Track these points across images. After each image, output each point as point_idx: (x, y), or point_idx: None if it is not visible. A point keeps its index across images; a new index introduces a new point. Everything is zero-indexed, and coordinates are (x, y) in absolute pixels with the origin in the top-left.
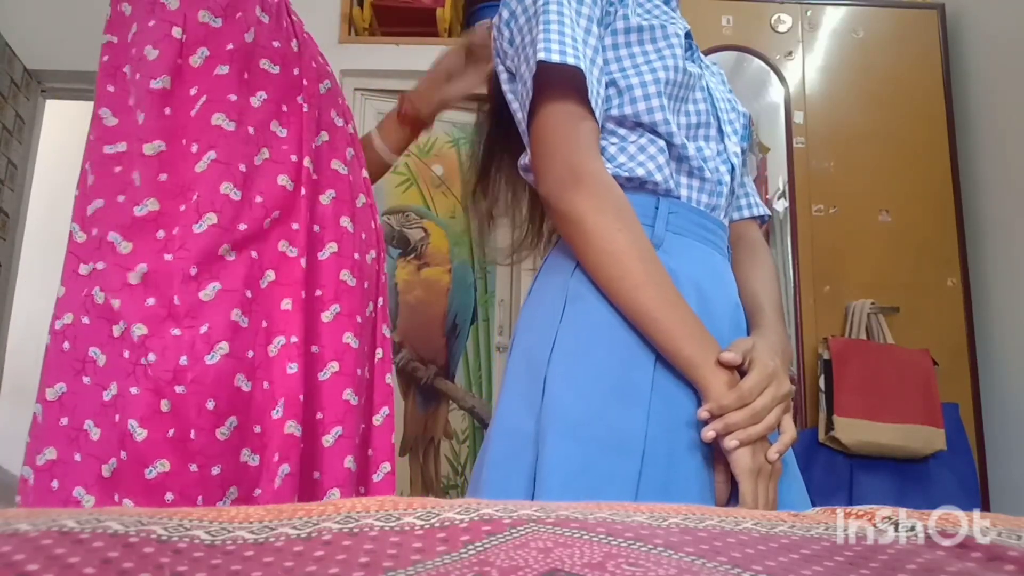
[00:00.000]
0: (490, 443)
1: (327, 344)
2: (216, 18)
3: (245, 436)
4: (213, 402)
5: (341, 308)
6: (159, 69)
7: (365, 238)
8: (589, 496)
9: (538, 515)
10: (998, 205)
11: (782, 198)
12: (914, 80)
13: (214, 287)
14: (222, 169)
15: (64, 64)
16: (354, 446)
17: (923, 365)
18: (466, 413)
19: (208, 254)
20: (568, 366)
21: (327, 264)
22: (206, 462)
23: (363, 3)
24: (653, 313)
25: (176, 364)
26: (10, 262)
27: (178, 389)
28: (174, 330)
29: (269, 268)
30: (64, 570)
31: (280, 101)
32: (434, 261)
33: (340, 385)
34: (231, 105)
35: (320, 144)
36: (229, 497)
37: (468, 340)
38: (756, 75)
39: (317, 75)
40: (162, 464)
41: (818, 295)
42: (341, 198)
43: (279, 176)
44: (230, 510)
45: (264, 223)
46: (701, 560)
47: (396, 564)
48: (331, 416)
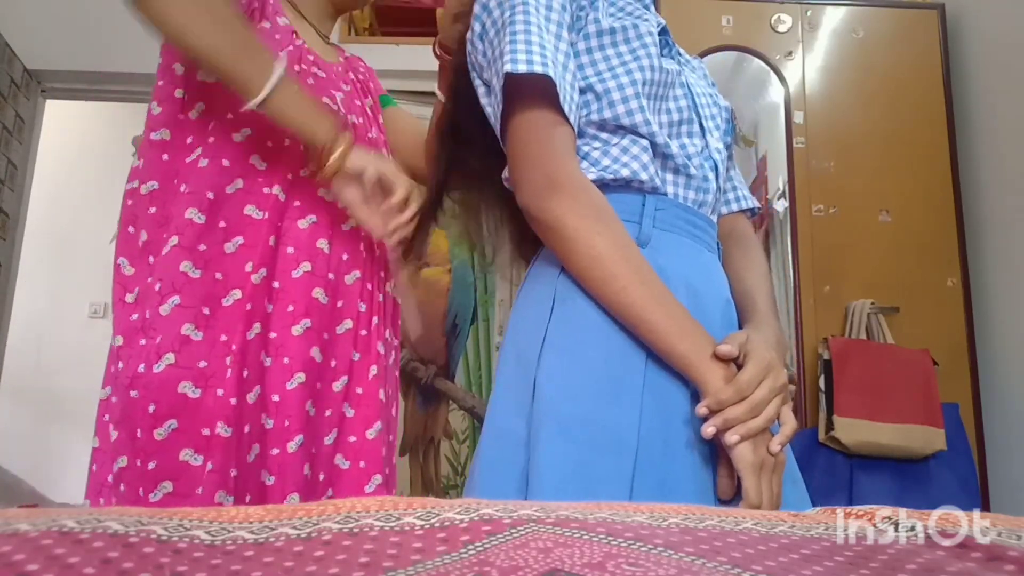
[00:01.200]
0: (482, 444)
1: (295, 356)
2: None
3: (187, 438)
4: (154, 406)
5: (312, 323)
6: (161, 124)
7: (347, 259)
8: (583, 496)
9: (538, 515)
10: (998, 205)
11: (782, 198)
12: (914, 80)
13: (173, 301)
14: (189, 198)
15: (64, 64)
16: (309, 455)
17: (923, 365)
18: (466, 413)
19: (170, 270)
20: (558, 366)
21: (300, 282)
22: (145, 458)
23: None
24: (643, 313)
25: (135, 371)
26: (10, 262)
27: (132, 393)
28: (141, 340)
29: (235, 288)
30: (64, 570)
31: (267, 138)
32: (434, 261)
33: (303, 396)
34: (210, 147)
35: (307, 174)
36: (161, 490)
37: (468, 340)
38: (756, 75)
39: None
40: (121, 460)
41: (818, 295)
42: (321, 223)
43: (246, 206)
44: (230, 510)
45: (225, 246)
46: (701, 560)
47: (396, 564)
48: (294, 424)
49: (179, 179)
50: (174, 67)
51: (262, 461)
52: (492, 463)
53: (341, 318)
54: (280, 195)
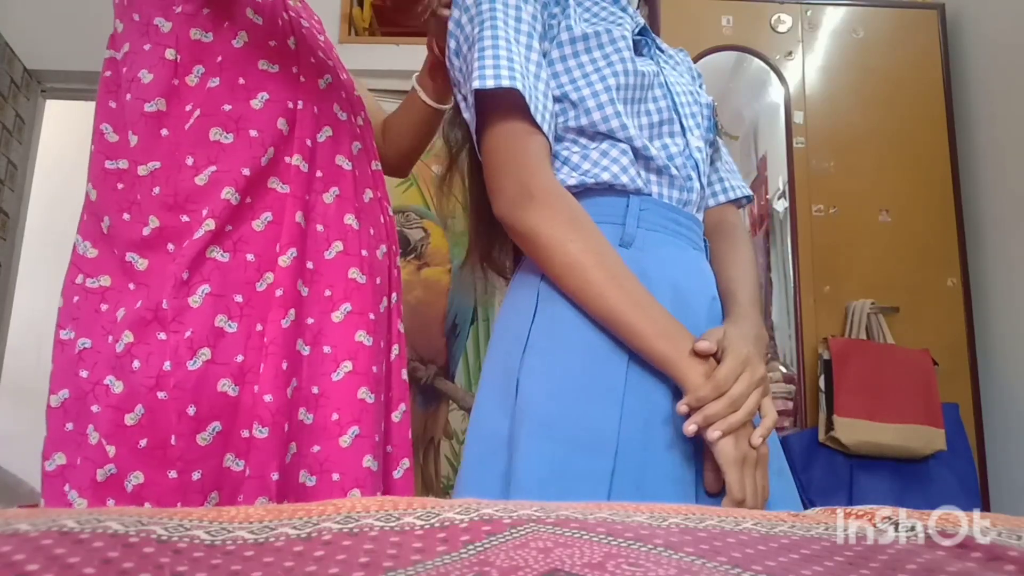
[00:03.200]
0: (466, 445)
1: (339, 344)
2: (207, 33)
3: (229, 441)
4: (194, 408)
5: (352, 306)
6: (153, 92)
7: (374, 233)
8: (562, 495)
9: (538, 515)
10: (998, 205)
11: (782, 198)
12: (914, 80)
13: (203, 291)
14: (223, 177)
15: (64, 64)
16: (373, 445)
17: (923, 365)
18: (466, 413)
19: (198, 256)
20: (540, 366)
21: (334, 263)
22: (185, 467)
23: (363, 3)
24: (621, 316)
25: (159, 370)
26: (10, 262)
27: (160, 395)
28: (160, 334)
29: (268, 271)
30: (64, 570)
31: (286, 99)
32: (434, 261)
33: (354, 384)
34: (226, 116)
35: (323, 140)
36: (210, 502)
37: (468, 340)
38: (756, 75)
39: (316, 71)
40: (136, 476)
41: (818, 295)
42: (344, 195)
43: (270, 179)
44: (230, 510)
45: (253, 224)
46: (701, 560)
47: (396, 564)
48: (347, 416)
49: (181, 152)
50: (156, 22)
51: (298, 460)
52: (475, 462)
53: (381, 295)
54: (302, 166)
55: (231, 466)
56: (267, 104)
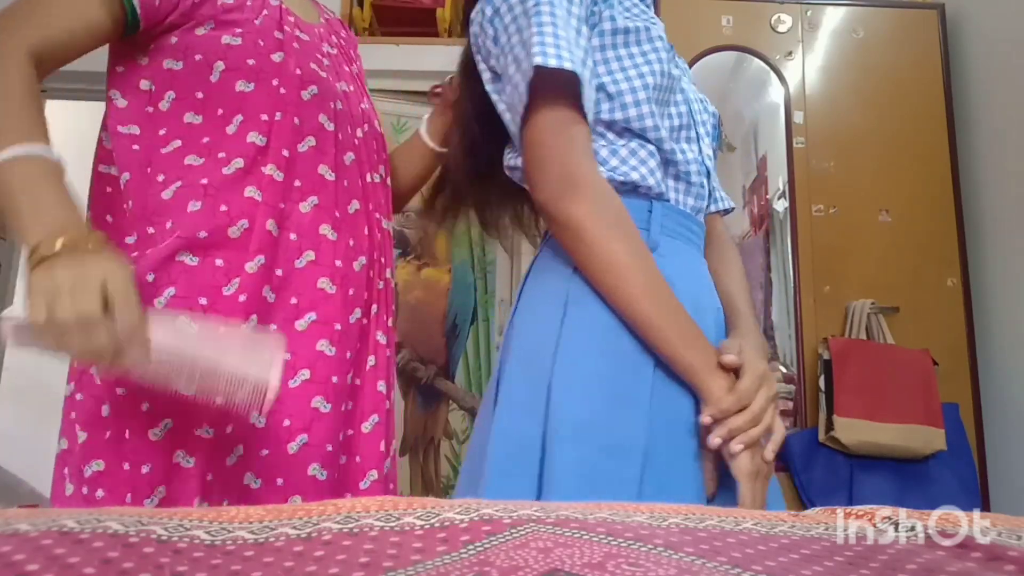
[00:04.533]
0: (490, 446)
1: (298, 352)
2: (177, 62)
3: (181, 439)
4: (148, 404)
5: (317, 316)
6: (129, 119)
7: (353, 244)
8: (596, 499)
9: (538, 515)
10: (998, 205)
11: (782, 198)
12: (914, 80)
13: (168, 293)
14: (187, 191)
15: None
16: (323, 454)
17: (923, 365)
18: (466, 413)
19: (166, 260)
20: (573, 371)
21: (303, 272)
22: (136, 460)
23: (363, 3)
24: (654, 322)
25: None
26: (10, 262)
27: (118, 391)
28: None
29: (236, 276)
30: (64, 570)
31: (259, 113)
32: (434, 261)
33: (309, 392)
34: (203, 147)
35: (305, 150)
36: (156, 495)
37: (468, 340)
38: (756, 75)
39: (300, 82)
40: (97, 464)
41: (818, 295)
42: (323, 205)
43: (247, 188)
44: (230, 510)
45: (228, 231)
46: (701, 560)
47: (396, 564)
48: (297, 423)
49: (153, 169)
50: (133, 61)
51: (245, 463)
52: (503, 465)
53: (352, 307)
54: (276, 175)
55: (180, 462)
56: (240, 126)
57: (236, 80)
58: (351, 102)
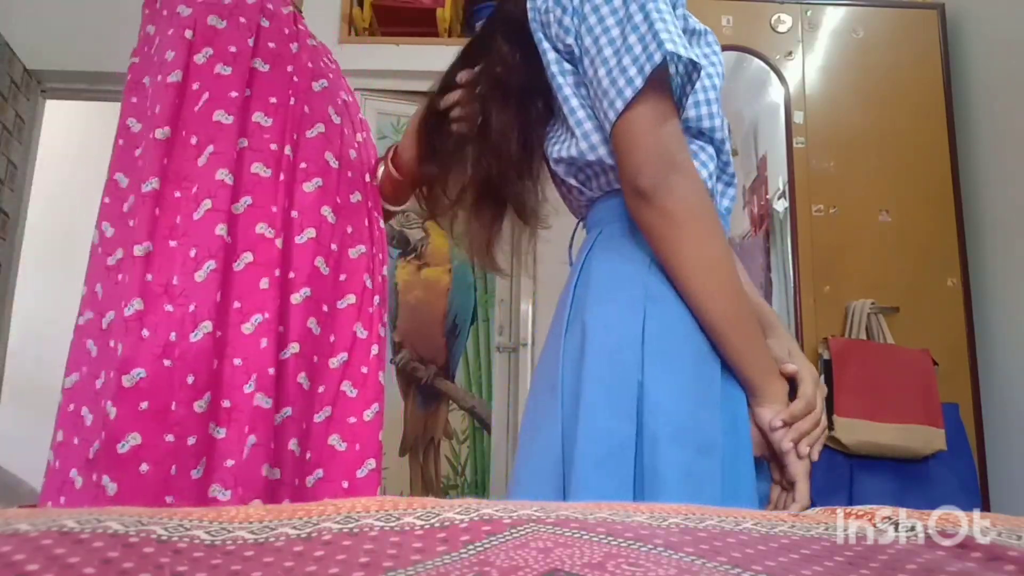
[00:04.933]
0: (580, 447)
1: (292, 326)
2: (221, 20)
3: (214, 410)
4: (193, 377)
5: (311, 293)
6: (174, 66)
7: (351, 232)
8: (694, 498)
9: (538, 515)
10: (998, 205)
11: (782, 198)
12: (914, 80)
13: (208, 267)
14: (219, 159)
15: (64, 64)
16: (299, 430)
17: (923, 365)
18: (466, 413)
19: (207, 236)
20: (665, 371)
21: (303, 248)
22: (183, 432)
23: (363, 3)
24: (731, 320)
25: (166, 339)
26: (10, 262)
27: (165, 363)
28: (167, 306)
29: (247, 250)
30: (64, 570)
31: (267, 95)
32: (434, 261)
33: (297, 368)
34: (231, 101)
35: (314, 136)
36: (201, 467)
37: (468, 340)
38: (756, 75)
39: (311, 74)
40: (133, 437)
41: (818, 295)
42: (327, 188)
43: (254, 164)
44: (230, 510)
45: (232, 207)
46: (701, 560)
47: (396, 564)
48: (283, 396)
49: (188, 131)
50: (179, 10)
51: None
52: (597, 465)
53: (343, 292)
54: (290, 154)
55: (213, 434)
56: (248, 99)
57: (255, 57)
58: (350, 109)
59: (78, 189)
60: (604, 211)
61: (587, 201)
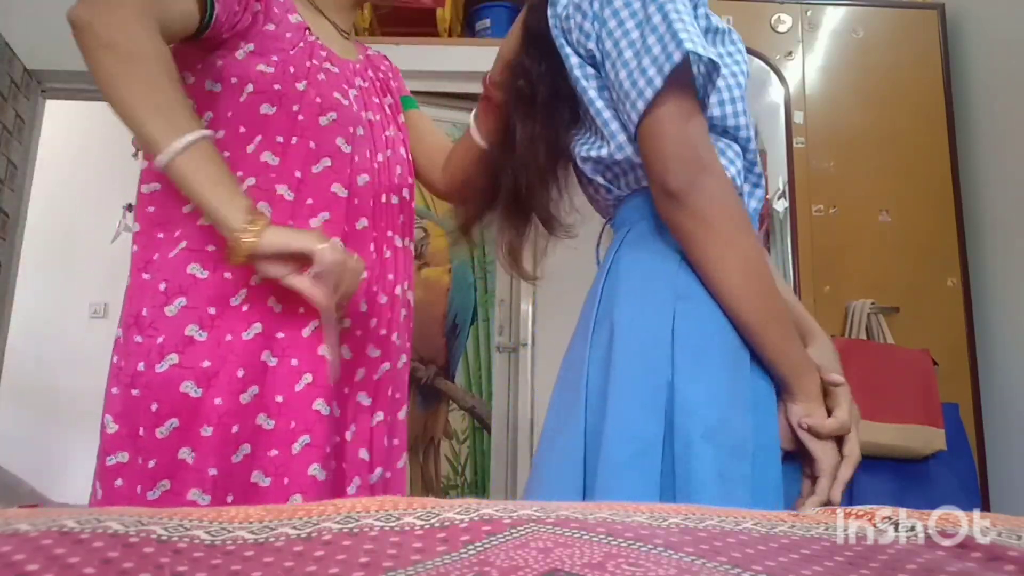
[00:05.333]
0: (606, 446)
1: (304, 358)
2: (216, 84)
3: (185, 437)
4: (156, 404)
5: (320, 323)
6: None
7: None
8: (725, 500)
9: (538, 515)
10: (998, 205)
11: (782, 198)
12: (914, 80)
13: (179, 303)
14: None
15: (64, 64)
16: (323, 455)
17: (923, 365)
18: (466, 413)
19: (177, 272)
20: (697, 371)
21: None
22: (147, 456)
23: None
24: (766, 320)
25: (134, 369)
26: (10, 262)
27: (134, 392)
28: (137, 338)
29: (243, 287)
30: (64, 570)
31: (275, 135)
32: (434, 261)
33: (311, 396)
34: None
35: (319, 171)
36: (160, 488)
37: (468, 340)
38: (756, 75)
39: (319, 109)
40: (121, 455)
41: (818, 295)
42: (334, 220)
43: (259, 203)
44: (230, 510)
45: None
46: (701, 560)
47: (396, 564)
48: (300, 426)
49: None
50: (182, 75)
51: (252, 461)
52: (625, 464)
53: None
54: (287, 195)
55: (185, 458)
56: (258, 145)
57: (261, 103)
58: (375, 129)
59: (78, 189)
60: (632, 210)
61: (614, 200)
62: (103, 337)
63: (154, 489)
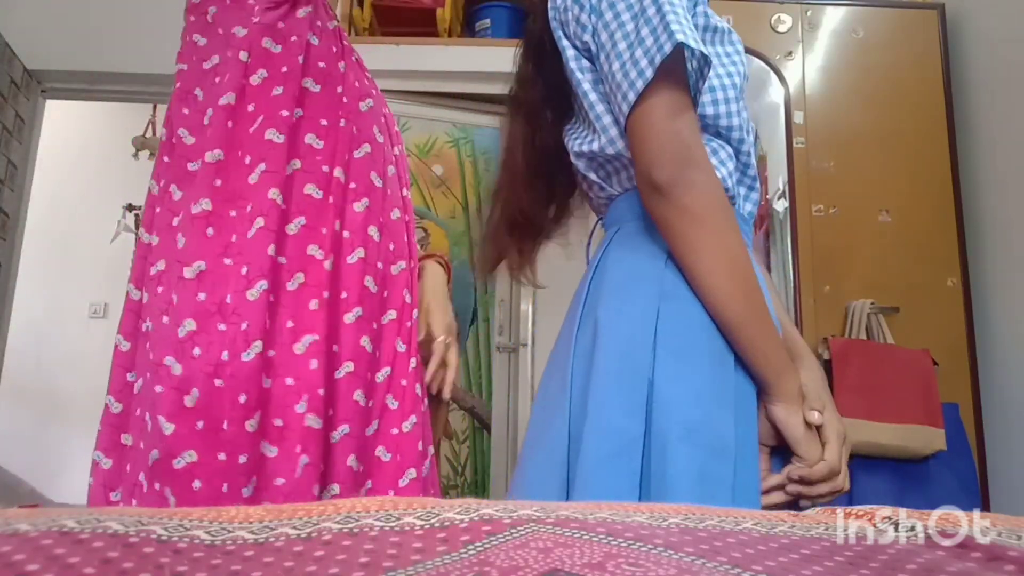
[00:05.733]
0: (586, 444)
1: (345, 344)
2: (276, 44)
3: (265, 429)
4: (245, 396)
5: (363, 312)
6: (229, 87)
7: (394, 249)
8: (705, 500)
9: (538, 515)
10: (998, 205)
11: (782, 198)
12: (914, 80)
13: (260, 286)
14: (270, 177)
15: (64, 64)
16: (358, 446)
17: (923, 365)
18: (466, 413)
19: (259, 255)
20: (678, 370)
21: (354, 268)
22: (234, 451)
23: (363, 3)
24: (749, 319)
25: (218, 359)
26: (10, 262)
27: (217, 382)
28: (220, 326)
29: (299, 271)
30: (64, 570)
31: (318, 116)
32: None
33: (352, 385)
34: (283, 120)
35: (361, 156)
36: (251, 485)
37: (468, 340)
38: (756, 75)
39: (359, 94)
40: (189, 455)
41: (818, 295)
42: (373, 208)
43: (306, 185)
44: (230, 510)
45: (286, 228)
46: (701, 560)
47: (396, 564)
48: (340, 414)
49: (243, 151)
50: (235, 31)
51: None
52: (604, 463)
53: (386, 308)
54: (342, 177)
55: (265, 452)
56: (300, 120)
57: (306, 76)
58: (389, 123)
59: (78, 189)
60: (623, 209)
61: (607, 198)
62: (102, 337)
63: (248, 486)
